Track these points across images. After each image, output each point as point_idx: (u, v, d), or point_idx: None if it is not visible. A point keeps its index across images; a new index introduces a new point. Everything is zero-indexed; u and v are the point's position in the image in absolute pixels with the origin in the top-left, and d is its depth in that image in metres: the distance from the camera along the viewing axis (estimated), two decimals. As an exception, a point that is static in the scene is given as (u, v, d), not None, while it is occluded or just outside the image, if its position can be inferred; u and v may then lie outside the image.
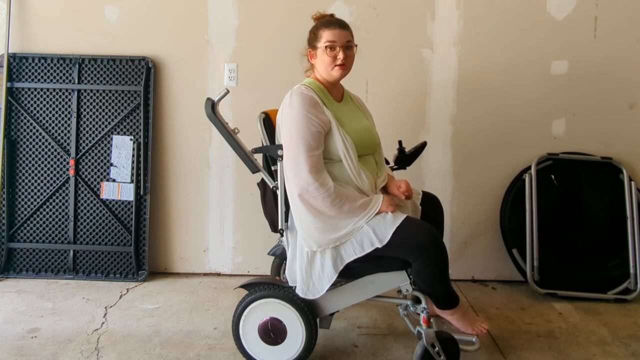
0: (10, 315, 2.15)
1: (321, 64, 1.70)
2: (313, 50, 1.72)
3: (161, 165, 2.69)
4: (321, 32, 1.68)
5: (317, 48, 1.70)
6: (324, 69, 1.70)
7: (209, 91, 2.63)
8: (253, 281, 1.77)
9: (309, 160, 1.57)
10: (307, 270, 1.63)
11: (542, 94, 2.58)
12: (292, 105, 1.61)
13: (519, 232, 2.49)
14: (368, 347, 1.91)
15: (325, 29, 1.67)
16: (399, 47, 2.57)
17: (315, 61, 1.73)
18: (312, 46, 1.73)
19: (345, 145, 1.63)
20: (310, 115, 1.60)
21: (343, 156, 1.64)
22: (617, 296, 2.39)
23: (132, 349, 1.88)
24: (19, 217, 2.64)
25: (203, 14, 2.61)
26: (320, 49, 1.68)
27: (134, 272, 2.61)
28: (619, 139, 2.58)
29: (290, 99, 1.64)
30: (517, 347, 1.93)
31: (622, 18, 2.53)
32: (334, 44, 1.66)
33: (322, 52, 1.68)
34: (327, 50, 1.66)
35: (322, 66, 1.70)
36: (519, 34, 2.55)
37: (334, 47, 1.66)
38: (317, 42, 1.69)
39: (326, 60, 1.67)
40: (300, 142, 1.58)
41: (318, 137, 1.60)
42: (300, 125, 1.59)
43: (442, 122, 2.61)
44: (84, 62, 2.62)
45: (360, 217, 1.59)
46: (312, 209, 1.58)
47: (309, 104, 1.61)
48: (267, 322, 1.70)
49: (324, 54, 1.67)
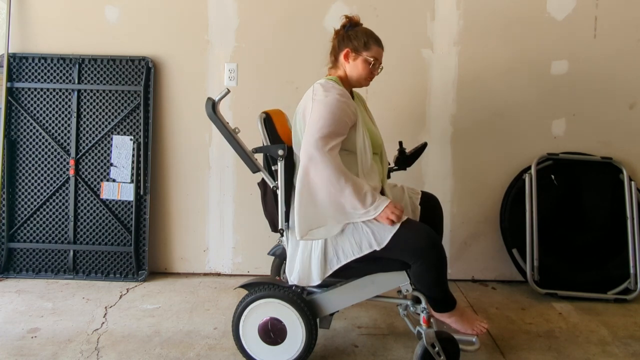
0: (10, 315, 2.15)
1: (355, 70, 1.75)
2: (354, 53, 1.74)
3: (161, 165, 2.69)
4: (372, 46, 1.74)
5: (361, 55, 1.73)
6: (356, 75, 1.75)
7: (209, 91, 2.63)
8: (253, 281, 1.77)
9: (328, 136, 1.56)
10: (305, 260, 1.64)
11: (542, 94, 2.58)
12: (328, 90, 1.64)
13: (519, 232, 2.50)
14: (368, 347, 1.91)
15: (375, 45, 1.74)
16: (399, 47, 2.57)
17: (350, 63, 1.75)
18: (354, 49, 1.74)
19: (364, 140, 1.67)
20: (345, 105, 1.63)
21: (360, 150, 1.67)
22: (617, 296, 2.39)
23: (132, 349, 1.88)
24: (19, 217, 2.64)
25: (203, 14, 2.61)
26: (363, 59, 1.73)
27: (134, 272, 2.61)
28: (619, 139, 2.58)
29: (326, 85, 1.67)
30: (517, 347, 1.93)
31: (622, 18, 2.53)
32: (377, 62, 1.75)
33: (363, 61, 1.73)
34: (368, 64, 1.73)
35: (355, 72, 1.75)
36: (519, 34, 2.55)
37: (376, 65, 1.75)
38: (364, 50, 1.73)
39: (365, 71, 1.74)
40: (330, 120, 1.58)
41: (345, 125, 1.62)
42: (335, 109, 1.60)
43: (442, 122, 2.61)
44: (84, 62, 2.62)
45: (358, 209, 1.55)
46: (315, 183, 1.55)
47: (343, 94, 1.66)
48: (267, 322, 1.70)
49: (364, 65, 1.73)
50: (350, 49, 1.74)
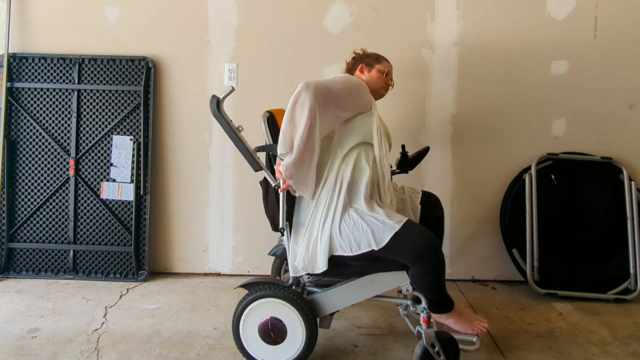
0: (10, 315, 2.15)
1: (371, 79, 1.92)
2: (368, 67, 1.95)
3: (161, 165, 2.69)
4: (383, 61, 1.98)
5: (374, 68, 1.94)
6: (372, 84, 1.91)
7: (209, 91, 2.63)
8: (253, 281, 1.77)
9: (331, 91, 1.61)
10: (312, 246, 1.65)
11: (542, 94, 2.58)
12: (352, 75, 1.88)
13: (519, 232, 2.50)
14: (368, 347, 1.91)
15: (385, 61, 1.98)
16: (399, 47, 2.57)
17: (365, 74, 1.94)
18: (367, 64, 1.95)
19: (379, 128, 1.72)
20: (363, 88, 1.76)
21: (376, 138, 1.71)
22: (617, 296, 2.39)
23: (132, 349, 1.88)
24: (19, 217, 2.64)
25: (203, 14, 2.61)
26: (377, 69, 1.94)
27: (134, 272, 2.61)
28: (619, 139, 2.58)
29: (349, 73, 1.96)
30: (517, 347, 1.93)
31: (622, 18, 2.53)
32: (390, 73, 1.98)
33: (377, 71, 1.93)
34: (383, 75, 1.94)
35: (371, 81, 1.92)
36: (519, 34, 2.55)
37: (389, 75, 1.97)
38: (377, 64, 1.95)
39: (380, 79, 1.93)
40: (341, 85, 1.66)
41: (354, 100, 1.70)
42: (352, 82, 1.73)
43: (442, 122, 2.61)
44: (84, 62, 2.62)
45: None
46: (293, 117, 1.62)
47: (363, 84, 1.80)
48: (267, 322, 1.70)
49: (379, 74, 1.93)
50: (364, 64, 1.95)
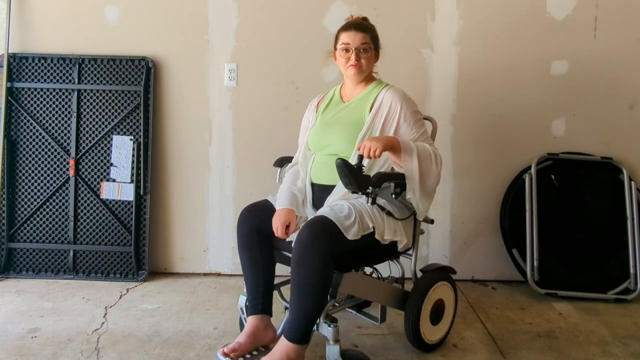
0: (10, 315, 2.14)
1: (339, 65, 1.79)
2: (334, 52, 1.81)
3: (161, 165, 2.69)
4: (339, 35, 1.77)
5: (336, 50, 1.79)
6: (341, 69, 1.79)
7: (209, 91, 2.63)
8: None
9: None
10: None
11: (542, 94, 2.58)
12: None
13: (519, 232, 2.50)
14: (368, 347, 1.91)
15: (342, 31, 1.75)
16: (399, 47, 2.56)
17: (337, 62, 1.80)
18: (335, 48, 1.81)
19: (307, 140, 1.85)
20: (304, 118, 1.97)
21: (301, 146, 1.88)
22: (617, 296, 2.39)
23: (132, 349, 1.88)
24: (19, 217, 2.64)
25: (203, 14, 2.61)
26: (338, 51, 1.77)
27: (134, 272, 2.61)
28: (619, 139, 2.58)
29: None
30: (517, 347, 1.93)
31: (622, 18, 2.53)
32: (348, 46, 1.72)
33: (338, 53, 1.77)
34: (342, 52, 1.74)
35: (340, 66, 1.80)
36: (519, 34, 2.55)
37: (348, 49, 1.73)
38: (336, 44, 1.78)
39: (341, 61, 1.76)
40: None
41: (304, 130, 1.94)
42: None
43: (442, 122, 2.61)
44: (84, 62, 2.62)
45: None
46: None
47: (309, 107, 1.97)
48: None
49: (339, 56, 1.76)
50: (334, 50, 1.82)
